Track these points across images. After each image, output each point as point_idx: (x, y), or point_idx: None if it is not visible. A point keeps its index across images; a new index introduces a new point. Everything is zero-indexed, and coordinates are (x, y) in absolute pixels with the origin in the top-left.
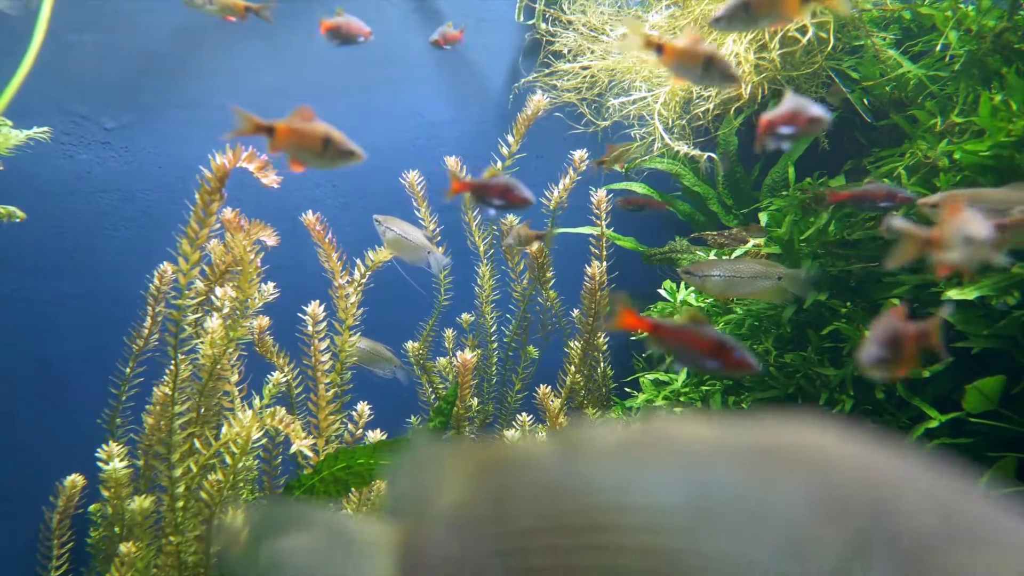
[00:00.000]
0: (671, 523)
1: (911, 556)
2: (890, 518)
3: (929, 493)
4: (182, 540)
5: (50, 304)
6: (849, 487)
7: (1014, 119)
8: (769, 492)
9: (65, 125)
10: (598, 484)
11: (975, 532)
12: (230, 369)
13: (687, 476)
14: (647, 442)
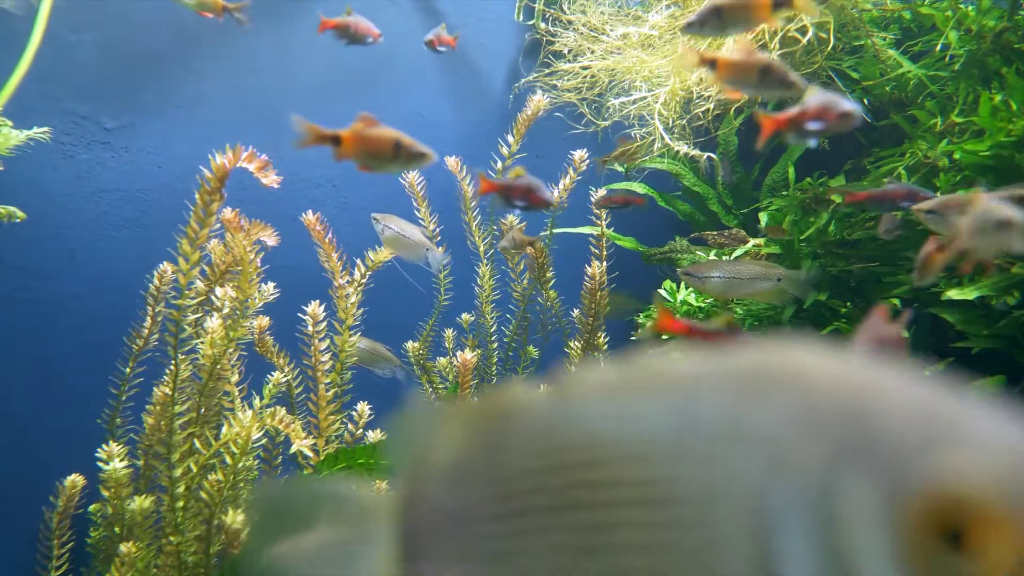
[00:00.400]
0: (658, 452)
1: (890, 461)
2: (869, 427)
3: (911, 400)
4: (182, 540)
5: (50, 304)
6: (829, 401)
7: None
8: (751, 412)
9: (65, 125)
10: (587, 422)
11: (956, 433)
12: (230, 369)
13: (672, 405)
14: (634, 378)
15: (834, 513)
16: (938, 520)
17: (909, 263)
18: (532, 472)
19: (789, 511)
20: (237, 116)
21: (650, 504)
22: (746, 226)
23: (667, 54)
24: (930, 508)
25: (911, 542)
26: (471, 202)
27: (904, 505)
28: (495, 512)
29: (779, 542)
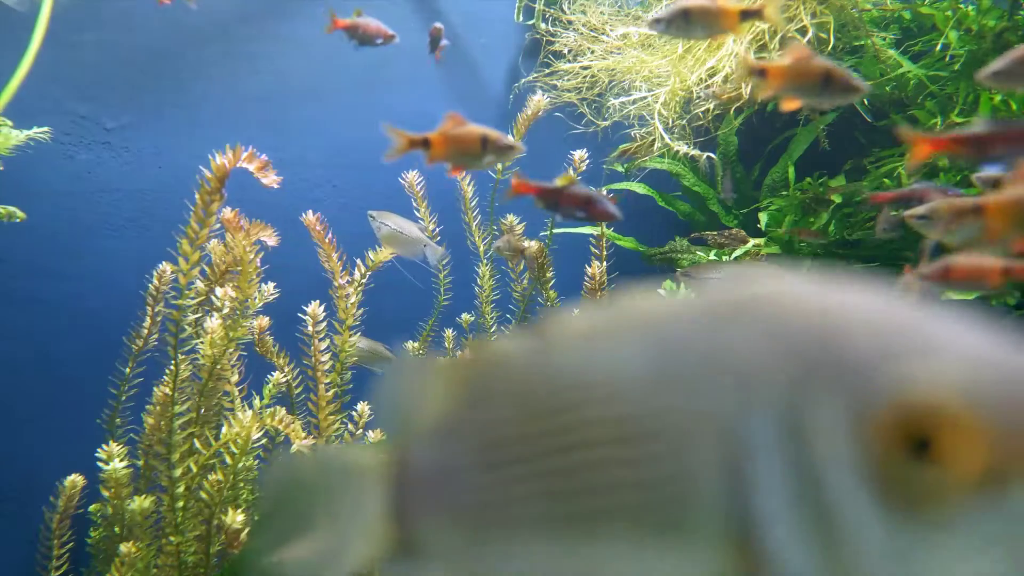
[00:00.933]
0: (632, 389)
1: (856, 376)
2: (836, 345)
3: (878, 317)
4: (182, 540)
5: (50, 304)
6: (796, 324)
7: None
8: (721, 342)
9: (65, 125)
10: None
11: (921, 344)
12: (230, 369)
13: (646, 341)
14: (611, 319)
15: (803, 433)
16: (903, 429)
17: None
18: (513, 420)
19: (760, 436)
20: (237, 116)
21: (625, 441)
22: (746, 226)
23: (667, 54)
24: (894, 418)
25: (877, 454)
26: (471, 202)
27: (868, 417)
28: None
29: (751, 467)
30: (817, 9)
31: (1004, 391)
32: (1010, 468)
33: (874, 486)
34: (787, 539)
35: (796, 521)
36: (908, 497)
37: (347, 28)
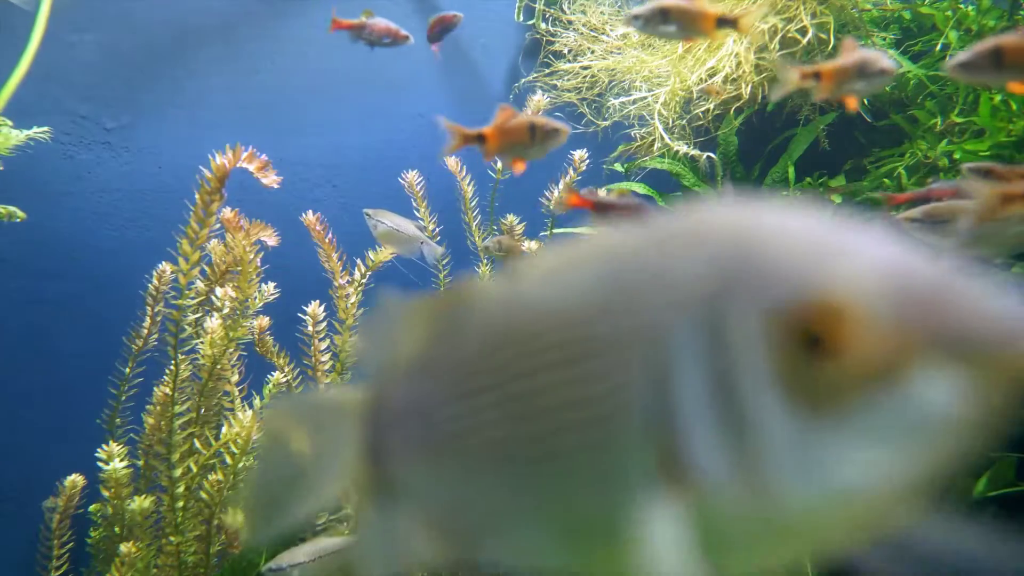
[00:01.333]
0: (580, 314)
1: (766, 282)
2: (754, 257)
3: (797, 231)
4: (182, 540)
5: (50, 304)
6: (723, 242)
7: (1014, 119)
8: (657, 263)
9: (65, 125)
10: (525, 299)
11: (827, 251)
12: (230, 369)
13: (594, 271)
14: (569, 255)
15: (721, 340)
16: (803, 327)
17: None
18: (480, 353)
19: (685, 347)
20: (237, 116)
21: (574, 362)
22: None
23: (667, 54)
24: (795, 317)
25: (782, 354)
26: (471, 202)
27: (774, 319)
28: (450, 396)
29: (677, 377)
30: (817, 9)
31: (895, 289)
32: (899, 360)
33: (781, 385)
34: (705, 443)
35: (714, 425)
36: (811, 394)
37: (351, 28)
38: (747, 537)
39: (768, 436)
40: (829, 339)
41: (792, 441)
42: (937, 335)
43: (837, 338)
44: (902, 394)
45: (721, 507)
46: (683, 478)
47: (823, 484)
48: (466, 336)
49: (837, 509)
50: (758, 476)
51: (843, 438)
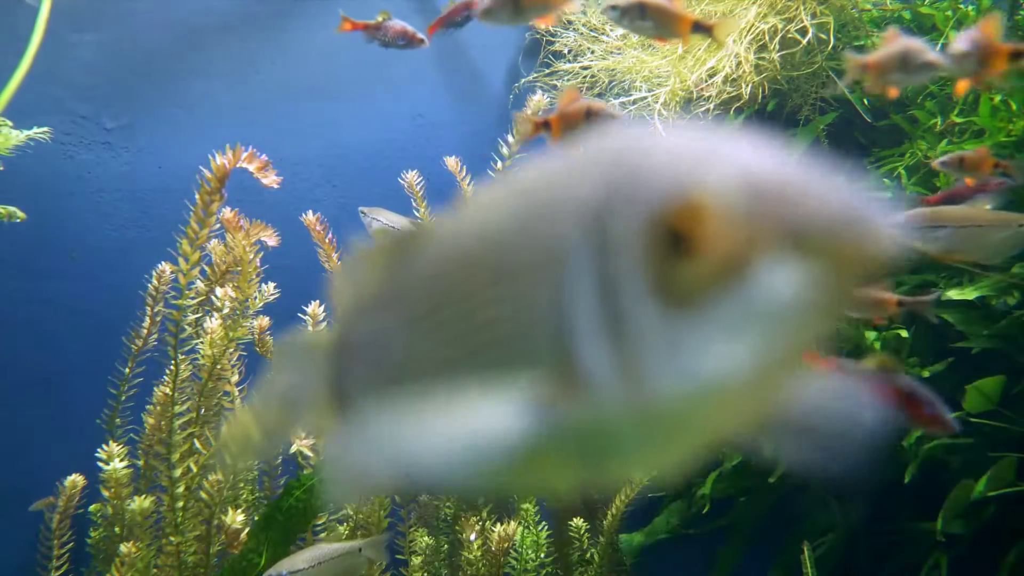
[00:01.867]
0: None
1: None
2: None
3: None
4: (182, 540)
5: (50, 304)
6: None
7: (1014, 119)
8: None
9: (65, 125)
10: (459, 234)
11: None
12: (230, 369)
13: (516, 200)
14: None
15: (607, 248)
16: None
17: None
18: (424, 284)
19: (578, 260)
20: (237, 116)
21: (494, 284)
22: None
23: (667, 54)
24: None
25: (653, 253)
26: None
27: (645, 221)
28: (400, 325)
29: (571, 288)
30: (817, 9)
31: (747, 188)
32: (750, 252)
33: (653, 285)
34: (592, 347)
35: (599, 329)
36: (677, 291)
37: (366, 29)
38: (636, 438)
39: (642, 334)
40: (691, 237)
41: (663, 337)
42: (782, 227)
43: (697, 235)
44: (755, 285)
45: (610, 409)
46: (577, 383)
47: (692, 376)
48: (413, 270)
49: (708, 399)
50: (636, 373)
51: (706, 330)
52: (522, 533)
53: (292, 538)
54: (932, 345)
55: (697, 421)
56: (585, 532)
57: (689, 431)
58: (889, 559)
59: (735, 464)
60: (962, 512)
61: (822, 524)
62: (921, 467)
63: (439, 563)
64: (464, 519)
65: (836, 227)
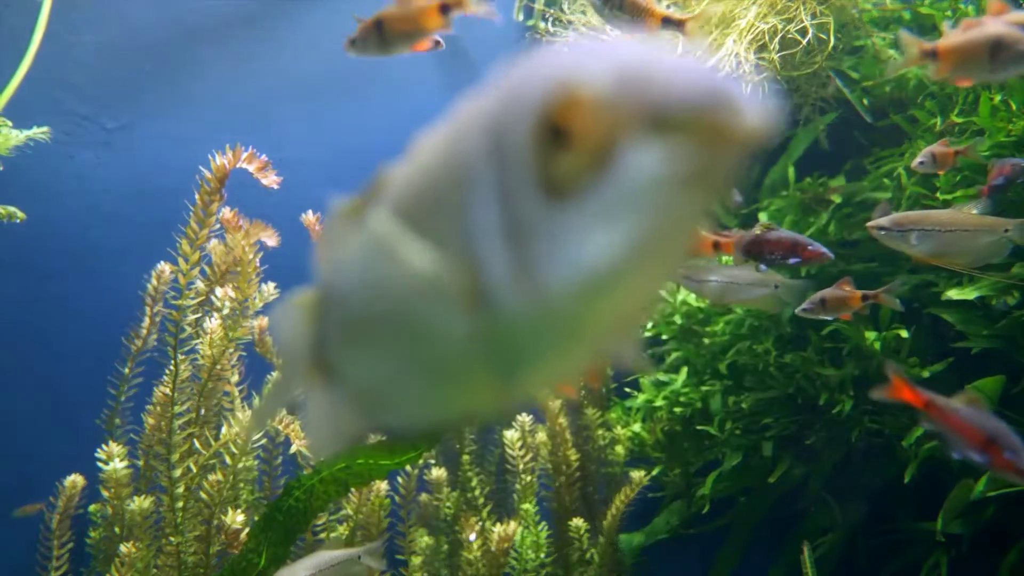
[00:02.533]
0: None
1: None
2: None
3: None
4: (182, 540)
5: (50, 304)
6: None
7: (1014, 119)
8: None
9: (65, 125)
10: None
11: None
12: (230, 369)
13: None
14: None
15: (503, 157)
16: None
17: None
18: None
19: (483, 174)
20: (237, 116)
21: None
22: (746, 226)
23: None
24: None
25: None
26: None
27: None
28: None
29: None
30: (817, 9)
31: (616, 76)
32: (618, 136)
33: (539, 182)
34: (493, 252)
35: (499, 234)
36: (559, 185)
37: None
38: (539, 339)
39: (533, 231)
40: (566, 129)
41: (550, 231)
42: (645, 108)
43: (571, 126)
44: (626, 168)
45: (513, 311)
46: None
47: (579, 265)
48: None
49: (596, 288)
50: (530, 271)
51: (587, 219)
52: (522, 533)
53: (292, 538)
54: (932, 345)
55: (591, 313)
56: (585, 532)
57: (586, 325)
58: (889, 559)
59: (735, 464)
60: (962, 512)
61: (822, 524)
62: (921, 467)
63: (439, 563)
64: (464, 519)
65: (696, 103)
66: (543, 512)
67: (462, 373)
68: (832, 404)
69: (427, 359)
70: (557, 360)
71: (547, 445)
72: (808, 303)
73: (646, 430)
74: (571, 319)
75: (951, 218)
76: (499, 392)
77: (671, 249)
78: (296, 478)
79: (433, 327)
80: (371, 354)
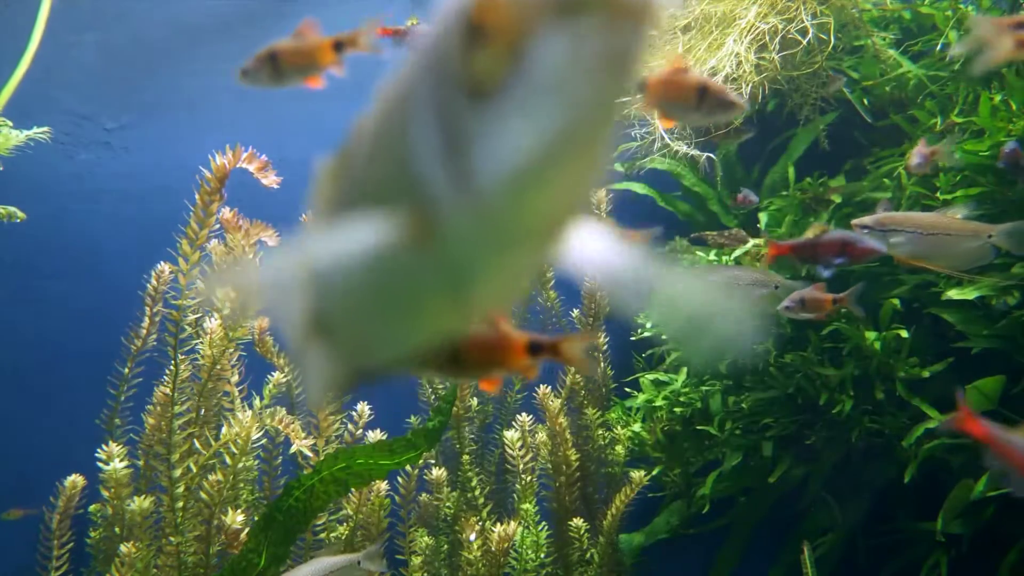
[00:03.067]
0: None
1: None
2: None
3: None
4: (182, 540)
5: (50, 304)
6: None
7: (1014, 119)
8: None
9: (65, 125)
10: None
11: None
12: (230, 369)
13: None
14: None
15: (435, 72)
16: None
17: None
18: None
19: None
20: (237, 116)
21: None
22: (746, 226)
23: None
24: (463, 16)
25: (461, 56)
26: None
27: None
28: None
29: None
30: (817, 9)
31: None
32: (529, 26)
33: (465, 85)
34: (433, 165)
35: (436, 146)
36: (483, 84)
37: (394, 34)
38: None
39: (465, 135)
40: (483, 25)
41: (480, 133)
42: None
43: (488, 21)
44: (539, 55)
45: (456, 221)
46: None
47: (508, 162)
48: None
49: (528, 184)
50: (468, 177)
51: (510, 114)
52: (522, 533)
53: (292, 538)
54: (932, 345)
55: (526, 211)
56: (585, 532)
57: (523, 225)
58: (889, 559)
59: (735, 464)
60: (962, 512)
61: (822, 524)
62: (921, 467)
63: (439, 563)
64: (464, 519)
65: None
66: (543, 512)
67: (427, 303)
68: (832, 404)
69: (397, 301)
70: (504, 269)
71: (547, 445)
72: (789, 301)
73: (646, 430)
74: (508, 219)
75: (935, 221)
76: (459, 313)
77: (592, 138)
78: (296, 478)
79: (397, 275)
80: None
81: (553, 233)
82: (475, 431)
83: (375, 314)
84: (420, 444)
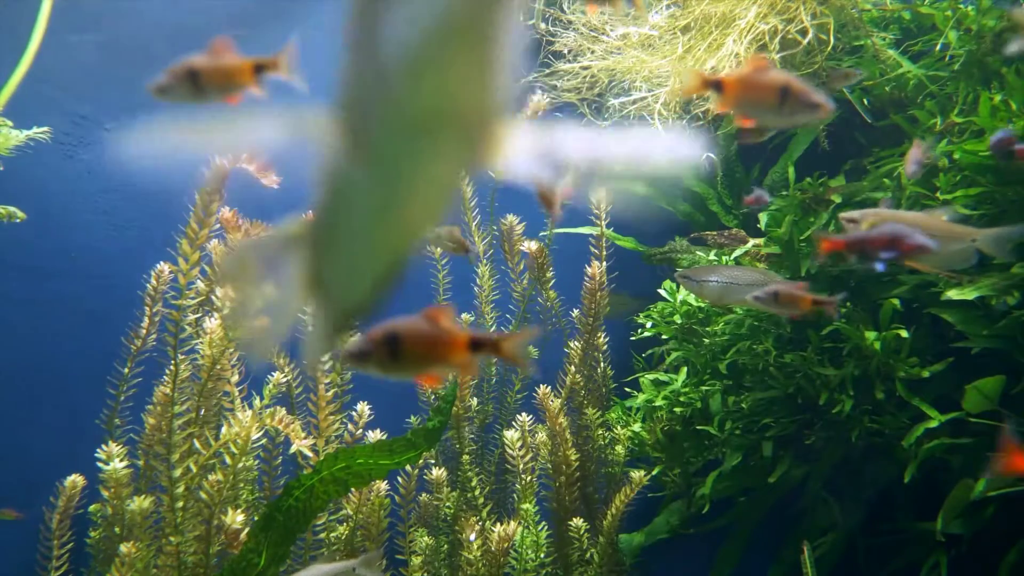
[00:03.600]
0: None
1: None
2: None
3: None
4: (182, 540)
5: (50, 304)
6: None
7: (1014, 119)
8: None
9: (65, 125)
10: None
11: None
12: (230, 369)
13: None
14: None
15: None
16: None
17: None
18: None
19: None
20: None
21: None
22: (746, 226)
23: (667, 54)
24: None
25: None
26: (470, 202)
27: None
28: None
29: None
30: (817, 10)
31: None
32: None
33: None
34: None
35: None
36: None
37: None
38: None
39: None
40: None
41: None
42: None
43: None
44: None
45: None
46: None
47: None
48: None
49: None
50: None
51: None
52: (522, 533)
53: (292, 538)
54: (932, 345)
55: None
56: (585, 532)
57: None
58: (889, 559)
59: (735, 464)
60: (962, 512)
61: (822, 524)
62: (921, 467)
63: (439, 563)
64: (464, 519)
65: None
66: (543, 512)
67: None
68: (832, 404)
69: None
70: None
71: (547, 445)
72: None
73: (646, 430)
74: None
75: (921, 222)
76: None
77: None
78: (296, 478)
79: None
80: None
81: (463, 126)
82: (475, 431)
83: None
84: (420, 444)
